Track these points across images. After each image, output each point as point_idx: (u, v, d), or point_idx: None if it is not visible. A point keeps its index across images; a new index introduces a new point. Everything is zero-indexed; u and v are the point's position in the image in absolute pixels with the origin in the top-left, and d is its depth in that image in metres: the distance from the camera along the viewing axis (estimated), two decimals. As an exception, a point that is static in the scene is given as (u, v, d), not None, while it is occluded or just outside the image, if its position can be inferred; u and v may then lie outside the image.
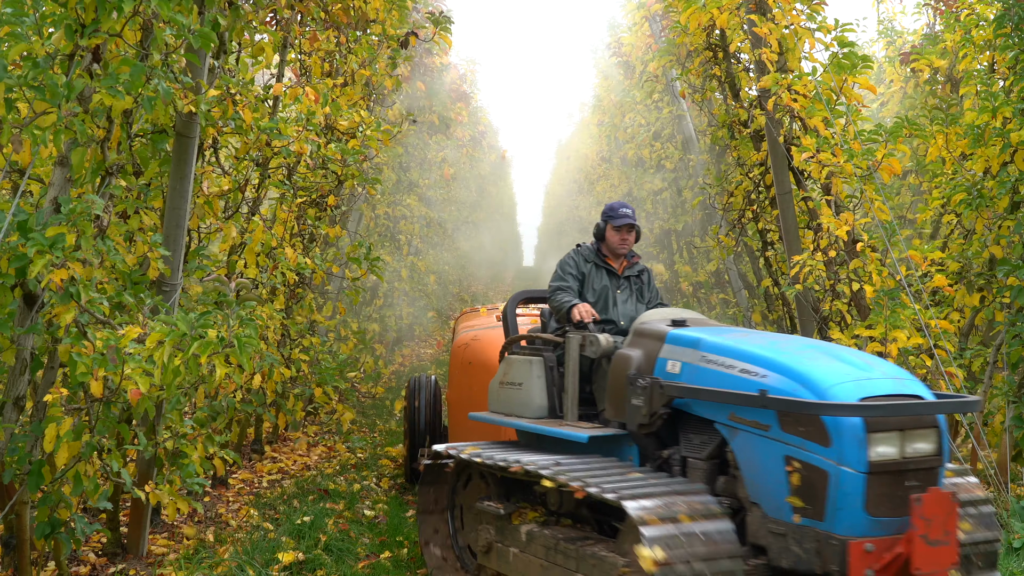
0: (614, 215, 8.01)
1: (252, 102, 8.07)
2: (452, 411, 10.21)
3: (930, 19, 16.07)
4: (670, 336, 6.65)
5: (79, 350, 5.91)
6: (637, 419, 6.58)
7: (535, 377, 7.61)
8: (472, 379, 9.64)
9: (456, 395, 10.10)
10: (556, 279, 7.93)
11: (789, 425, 5.65)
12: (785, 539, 5.68)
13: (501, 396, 7.86)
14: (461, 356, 10.09)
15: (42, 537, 6.46)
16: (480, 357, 9.68)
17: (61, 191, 6.12)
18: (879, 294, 8.63)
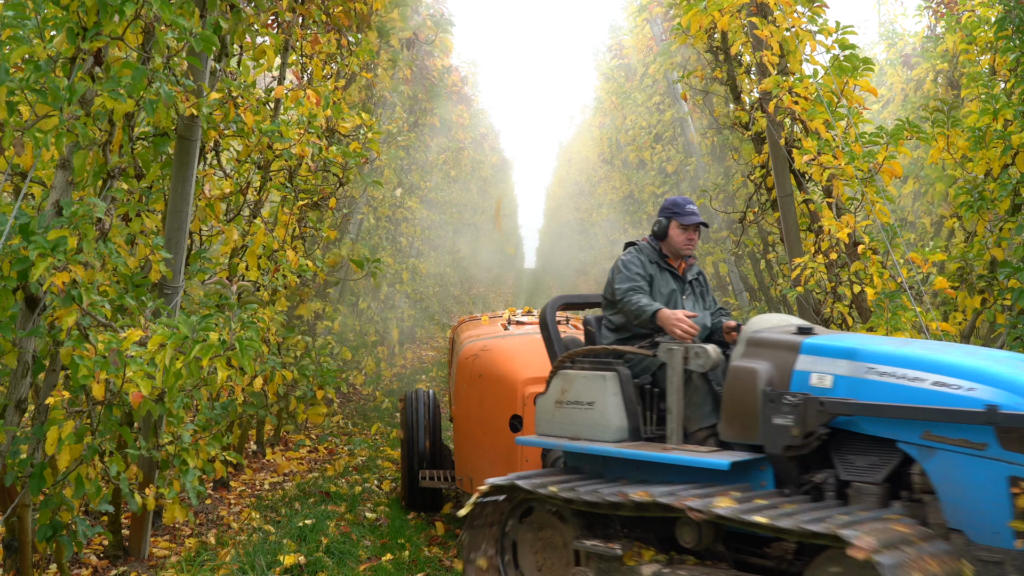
0: (680, 212, 7.23)
1: (254, 105, 8.08)
2: (459, 428, 9.35)
3: (931, 21, 16.07)
4: (807, 346, 6.00)
5: (81, 353, 5.91)
6: (783, 440, 5.87)
7: (611, 395, 6.68)
8: (483, 393, 8.90)
9: (464, 410, 9.26)
10: (625, 280, 7.11)
11: (1014, 443, 5.14)
12: (1001, 567, 5.18)
13: (560, 417, 6.89)
14: (469, 368, 9.13)
15: (44, 540, 6.47)
16: (492, 370, 8.89)
17: (63, 194, 6.12)
18: (880, 296, 8.63)
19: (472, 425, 9.01)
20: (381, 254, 14.94)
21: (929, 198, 13.35)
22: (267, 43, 8.50)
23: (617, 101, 23.08)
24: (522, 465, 8.26)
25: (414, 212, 19.13)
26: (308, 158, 9.59)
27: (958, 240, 11.42)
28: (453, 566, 8.42)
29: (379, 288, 17.54)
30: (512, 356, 8.76)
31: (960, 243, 11.16)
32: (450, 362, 11.13)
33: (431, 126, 19.01)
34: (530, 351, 8.77)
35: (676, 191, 18.19)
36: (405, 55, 13.87)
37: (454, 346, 10.84)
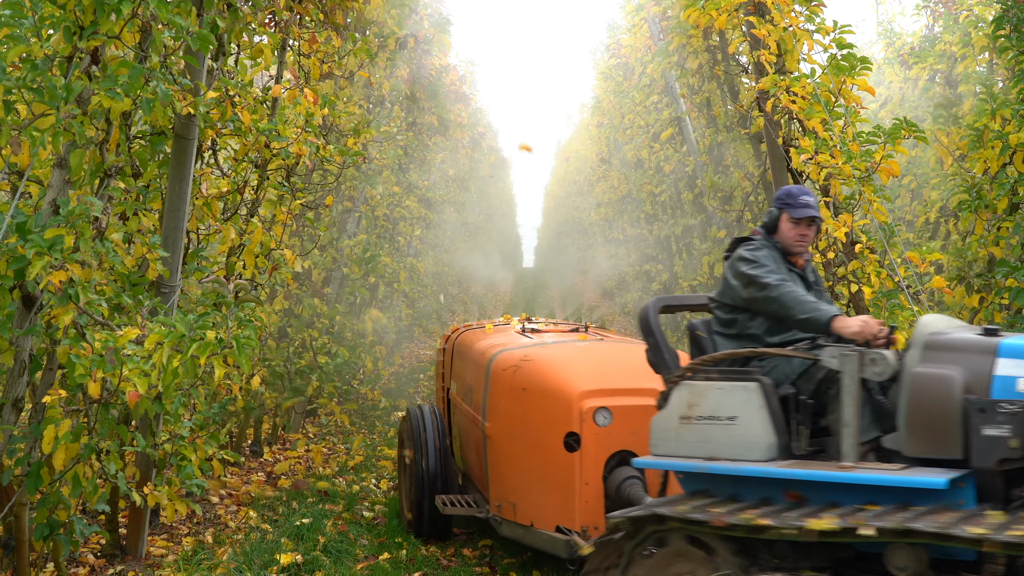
0: (792, 203, 6.51)
1: (251, 104, 8.08)
2: (496, 449, 8.14)
3: (929, 21, 16.09)
4: (1007, 348, 5.42)
5: (78, 351, 5.92)
6: (997, 453, 5.25)
7: (755, 407, 5.95)
8: (528, 409, 7.77)
9: (501, 429, 8.08)
10: (768, 273, 6.25)
11: None
12: None
13: (688, 435, 6.11)
14: (509, 382, 8.00)
15: (41, 539, 6.47)
16: (540, 382, 7.78)
17: (60, 193, 6.12)
18: (877, 295, 8.64)
19: (514, 445, 7.91)
20: (379, 252, 14.93)
21: (926, 198, 13.36)
22: (264, 42, 8.50)
23: (615, 100, 23.09)
24: (581, 489, 7.29)
25: (412, 211, 19.12)
26: (306, 157, 9.59)
27: (955, 239, 11.43)
28: (450, 565, 8.43)
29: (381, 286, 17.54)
30: (563, 367, 7.85)
31: (958, 242, 11.18)
32: (443, 374, 10.31)
33: (429, 125, 19.01)
34: (582, 360, 8.14)
35: (674, 190, 18.22)
36: (402, 55, 13.86)
37: (452, 357, 9.97)
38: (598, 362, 8.07)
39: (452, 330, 10.70)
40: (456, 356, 9.86)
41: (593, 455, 7.28)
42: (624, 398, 7.46)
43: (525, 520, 7.65)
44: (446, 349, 10.34)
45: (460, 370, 9.53)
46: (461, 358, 9.63)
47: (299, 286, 11.77)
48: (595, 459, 7.29)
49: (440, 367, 10.52)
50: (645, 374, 6.83)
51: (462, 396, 9.19)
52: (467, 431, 9.00)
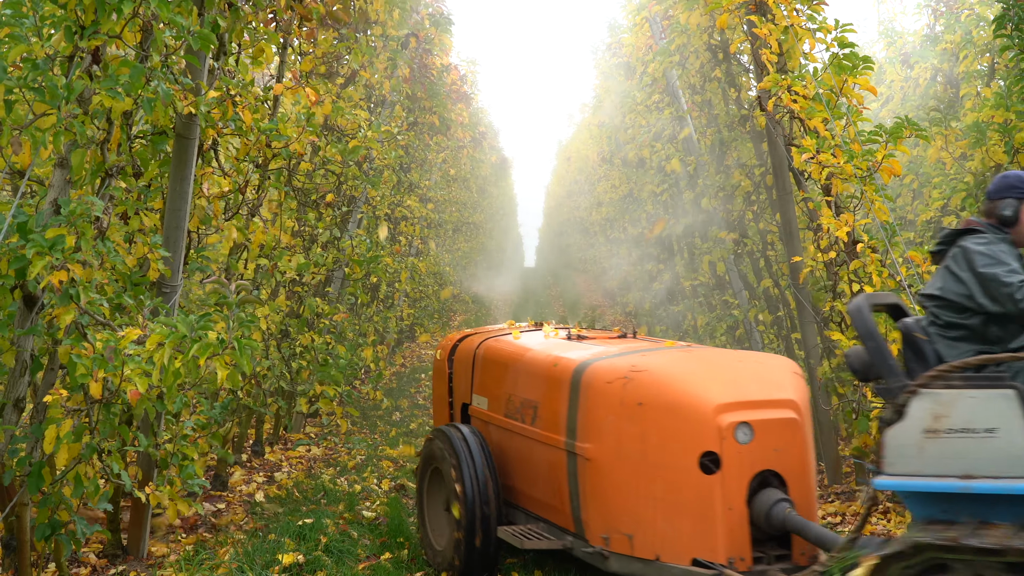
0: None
1: (252, 103, 8.07)
2: (600, 473, 6.93)
3: (930, 20, 16.09)
4: None
5: (79, 351, 5.91)
6: None
7: (1017, 418, 5.24)
8: (648, 427, 6.69)
9: (610, 450, 6.90)
10: (1010, 273, 5.64)
11: None
12: None
13: (935, 451, 5.40)
14: (618, 396, 6.86)
15: (42, 539, 6.47)
16: (663, 396, 6.70)
17: (61, 192, 6.12)
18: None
19: (627, 468, 6.78)
20: (380, 252, 14.93)
21: (927, 197, 13.36)
22: (265, 40, 8.50)
23: (616, 100, 23.09)
24: (725, 516, 6.39)
25: (413, 211, 19.12)
26: (307, 156, 9.59)
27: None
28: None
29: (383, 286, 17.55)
30: (689, 377, 6.82)
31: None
32: (453, 388, 9.14)
33: (430, 125, 19.02)
34: (705, 369, 7.06)
35: (676, 190, 18.21)
36: (404, 54, 13.86)
37: (475, 368, 8.77)
38: (721, 371, 7.00)
39: (452, 338, 9.46)
40: (486, 367, 8.61)
41: (736, 477, 6.42)
42: (764, 411, 6.62)
43: (647, 553, 6.61)
44: (457, 359, 9.10)
45: (498, 383, 8.31)
46: (499, 368, 8.41)
47: (300, 286, 11.77)
48: (738, 481, 6.42)
49: (447, 380, 9.22)
50: (775, 384, 6.61)
51: (506, 412, 8.04)
52: (522, 453, 7.82)
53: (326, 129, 10.98)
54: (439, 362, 9.43)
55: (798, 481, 6.50)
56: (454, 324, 29.93)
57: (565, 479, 7.16)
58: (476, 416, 8.57)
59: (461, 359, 9.05)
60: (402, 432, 14.06)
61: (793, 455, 6.50)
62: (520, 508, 7.93)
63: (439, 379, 9.41)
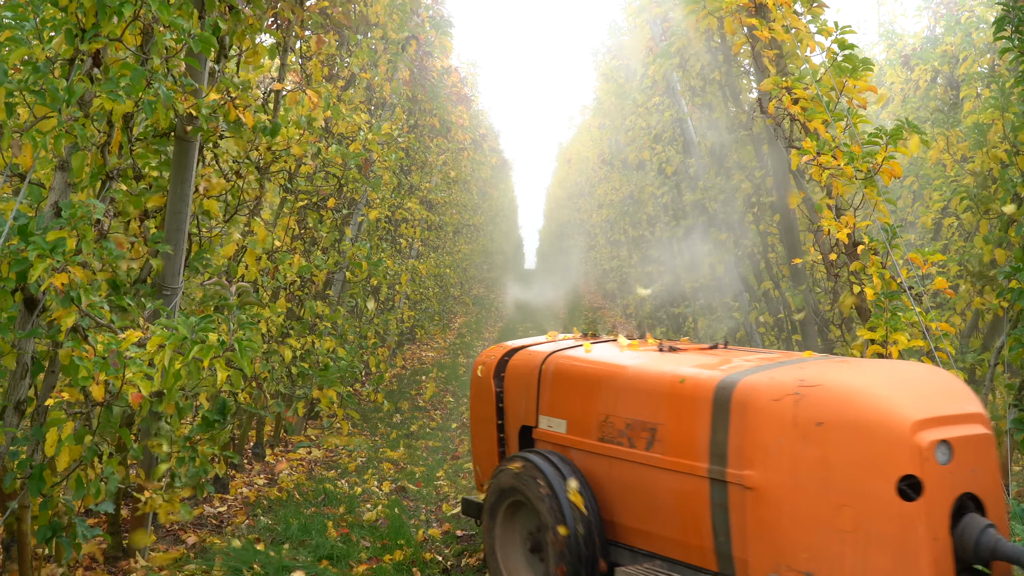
0: None
1: (253, 105, 8.08)
2: (768, 503, 6.00)
3: (931, 22, 16.10)
4: None
5: (80, 354, 5.92)
6: None
7: None
8: (828, 449, 5.82)
9: (781, 477, 5.96)
10: None
11: None
12: None
13: None
14: (786, 415, 5.97)
15: (43, 541, 6.47)
16: (845, 413, 5.80)
17: (62, 195, 6.13)
18: (880, 296, 8.64)
19: (802, 497, 5.92)
20: (381, 255, 14.93)
21: (927, 200, 13.37)
22: (267, 43, 8.51)
23: (616, 102, 23.12)
24: (930, 547, 5.59)
25: (414, 213, 19.15)
26: (308, 157, 9.60)
27: (957, 241, 11.44)
28: (451, 568, 8.43)
29: (383, 288, 17.56)
30: (877, 391, 5.93)
31: (959, 243, 11.20)
32: (504, 408, 8.16)
33: (431, 127, 19.03)
34: (890, 380, 6.19)
35: (676, 192, 18.22)
36: (404, 57, 13.87)
37: (541, 386, 7.75)
38: (903, 383, 6.17)
39: (494, 353, 8.43)
40: (560, 384, 7.62)
41: (938, 502, 5.61)
42: (959, 427, 5.84)
43: None
44: (511, 377, 8.07)
45: (584, 403, 7.31)
46: (584, 387, 7.39)
47: (301, 289, 11.77)
48: (941, 507, 5.63)
49: (494, 400, 8.22)
50: (961, 396, 6.00)
51: (602, 436, 7.08)
52: (629, 482, 6.90)
53: (327, 132, 10.98)
54: (481, 380, 8.34)
55: (994, 503, 5.83)
56: (454, 326, 29.94)
57: (706, 511, 6.33)
58: (546, 441, 7.57)
59: (516, 376, 8.00)
60: (402, 434, 14.06)
61: (988, 475, 5.84)
62: (623, 546, 6.98)
63: (481, 400, 8.35)
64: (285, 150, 8.77)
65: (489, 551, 7.57)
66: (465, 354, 24.24)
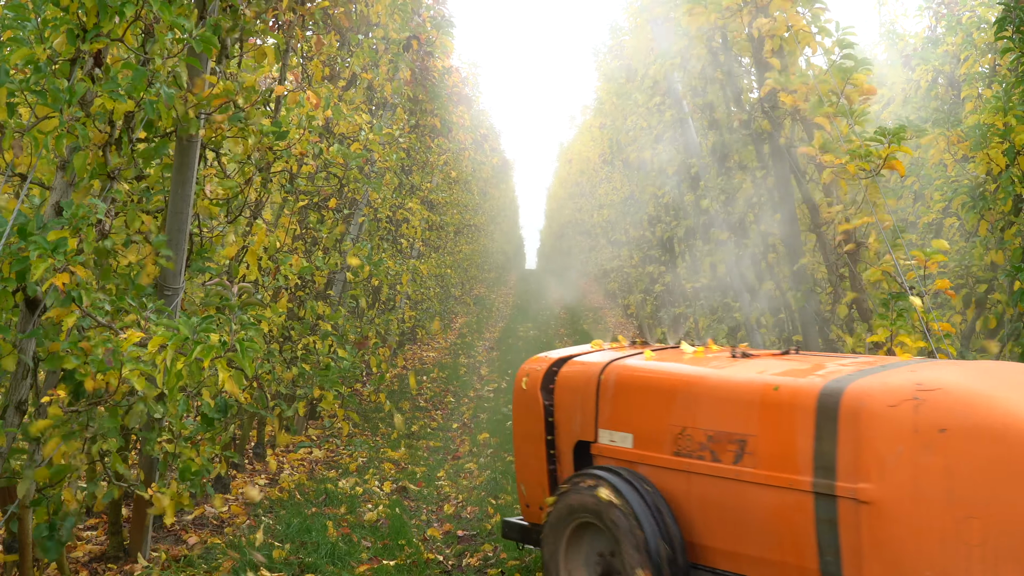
0: None
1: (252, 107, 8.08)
2: (890, 520, 5.56)
3: (931, 22, 16.10)
4: None
5: (77, 353, 5.93)
6: None
7: None
8: (954, 458, 5.37)
9: (904, 491, 5.52)
10: None
11: None
12: None
13: None
14: (905, 423, 5.56)
15: (39, 539, 6.47)
16: (973, 420, 5.37)
17: (63, 195, 6.13)
18: (888, 297, 8.64)
19: (929, 509, 5.44)
20: (382, 255, 14.93)
21: (928, 200, 13.38)
22: (269, 44, 8.51)
23: (617, 102, 23.11)
24: None
25: (415, 213, 19.15)
26: (310, 157, 9.60)
27: (958, 241, 11.44)
28: (452, 569, 8.43)
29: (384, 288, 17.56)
30: (1003, 394, 5.54)
31: (960, 243, 11.20)
32: (543, 426, 7.43)
33: (432, 127, 19.04)
34: (1010, 383, 5.80)
35: (677, 192, 18.23)
36: (405, 57, 13.87)
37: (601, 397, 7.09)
38: (1020, 385, 5.74)
39: (541, 363, 7.64)
40: (624, 396, 7.00)
41: None
42: None
43: None
44: (562, 388, 7.39)
45: (655, 414, 6.74)
46: (654, 397, 6.81)
47: (302, 289, 11.78)
48: None
49: (543, 414, 7.46)
50: None
51: (677, 450, 6.53)
52: (714, 499, 6.36)
53: (327, 132, 10.99)
54: (526, 394, 7.59)
55: None
56: (455, 326, 29.94)
57: (810, 528, 5.85)
58: (608, 456, 6.98)
59: (569, 388, 7.32)
60: (403, 434, 14.06)
61: None
62: (706, 568, 6.47)
63: (527, 415, 7.59)
64: (286, 150, 8.77)
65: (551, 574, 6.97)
66: (466, 354, 24.25)
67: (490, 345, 26.79)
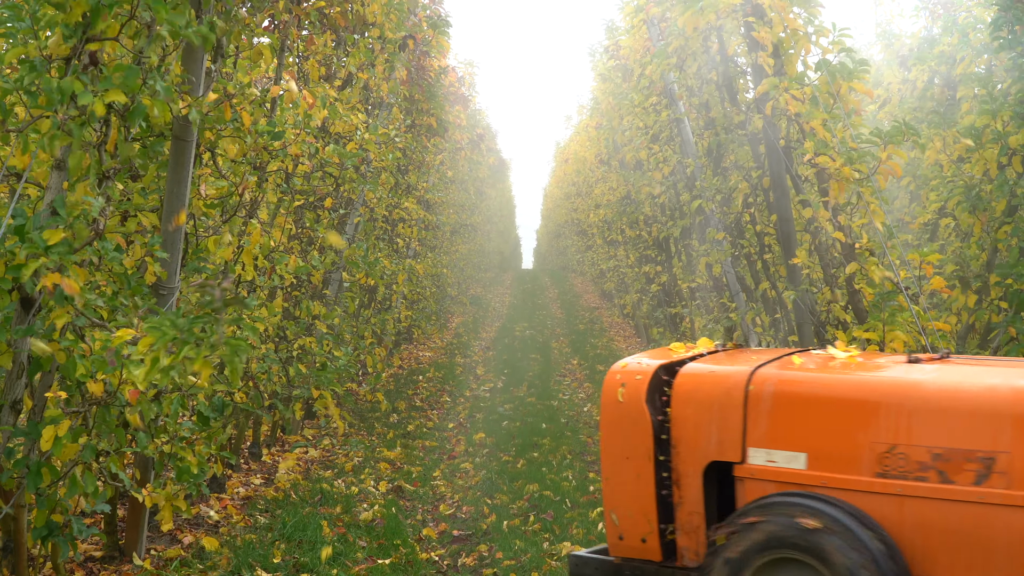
0: None
1: (248, 107, 8.07)
2: None
3: (928, 22, 16.11)
4: None
5: (78, 352, 5.93)
6: None
7: None
8: None
9: None
10: None
11: None
12: None
13: None
14: None
15: (39, 540, 6.47)
16: None
17: (58, 194, 6.13)
18: (877, 297, 8.64)
19: None
20: (378, 255, 14.92)
21: (924, 200, 13.39)
22: (264, 44, 8.51)
23: (614, 102, 23.10)
24: None
25: (411, 213, 19.15)
26: (305, 157, 9.59)
27: (954, 242, 11.45)
28: (447, 569, 8.44)
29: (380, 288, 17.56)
30: None
31: (956, 243, 11.20)
32: (651, 445, 6.05)
33: (428, 127, 19.04)
34: None
35: (673, 192, 18.24)
36: (401, 56, 13.87)
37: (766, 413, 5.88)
38: None
39: (642, 371, 6.24)
40: (789, 408, 5.92)
41: None
42: None
43: None
44: (684, 400, 6.11)
45: (843, 431, 5.71)
46: (840, 410, 5.77)
47: (298, 289, 11.77)
48: None
49: (651, 431, 6.12)
50: None
51: (883, 472, 5.59)
52: (940, 529, 5.43)
53: (324, 132, 10.99)
54: (624, 407, 6.20)
55: None
56: (452, 326, 29.95)
57: None
58: (767, 479, 5.87)
59: (697, 400, 6.09)
60: (399, 434, 14.07)
61: None
62: None
63: (625, 431, 6.20)
64: (282, 150, 8.76)
65: None
66: (462, 354, 24.26)
67: (486, 345, 26.81)
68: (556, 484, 11.03)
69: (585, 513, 9.88)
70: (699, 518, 5.86)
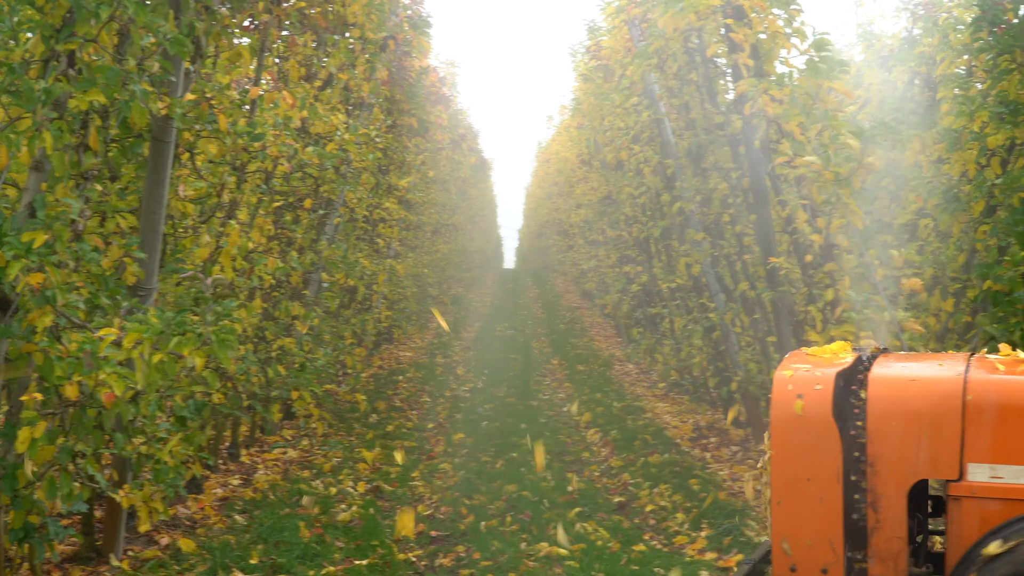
0: None
1: (227, 107, 8.06)
2: None
3: (908, 23, 16.14)
4: None
5: (55, 353, 5.92)
6: None
7: None
8: None
9: None
10: None
11: None
12: None
13: None
14: None
15: (15, 541, 6.45)
16: None
17: (36, 195, 6.11)
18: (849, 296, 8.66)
19: None
20: (358, 255, 14.91)
21: (903, 201, 13.44)
22: (244, 44, 8.50)
23: (595, 102, 23.09)
24: None
25: (392, 213, 19.12)
26: (285, 158, 9.58)
27: (933, 242, 11.48)
28: (425, 569, 8.44)
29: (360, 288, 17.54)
30: None
31: (935, 243, 11.23)
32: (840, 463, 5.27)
33: (409, 127, 19.02)
34: None
35: (653, 192, 18.26)
36: (382, 57, 13.87)
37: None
38: None
39: (819, 379, 5.41)
40: None
41: None
42: None
43: None
44: (880, 411, 5.34)
45: None
46: None
47: (277, 289, 11.76)
48: None
49: (839, 446, 5.31)
50: None
51: None
52: None
53: (304, 132, 10.97)
54: (806, 420, 5.38)
55: None
56: (432, 326, 29.91)
57: None
58: (991, 497, 5.11)
59: (900, 412, 5.31)
60: (379, 435, 14.04)
61: None
62: None
63: (808, 447, 5.38)
64: (261, 151, 8.75)
65: None
66: (443, 354, 24.24)
67: (467, 345, 26.79)
68: (535, 484, 11.03)
69: (563, 513, 9.88)
70: (900, 543, 5.24)
